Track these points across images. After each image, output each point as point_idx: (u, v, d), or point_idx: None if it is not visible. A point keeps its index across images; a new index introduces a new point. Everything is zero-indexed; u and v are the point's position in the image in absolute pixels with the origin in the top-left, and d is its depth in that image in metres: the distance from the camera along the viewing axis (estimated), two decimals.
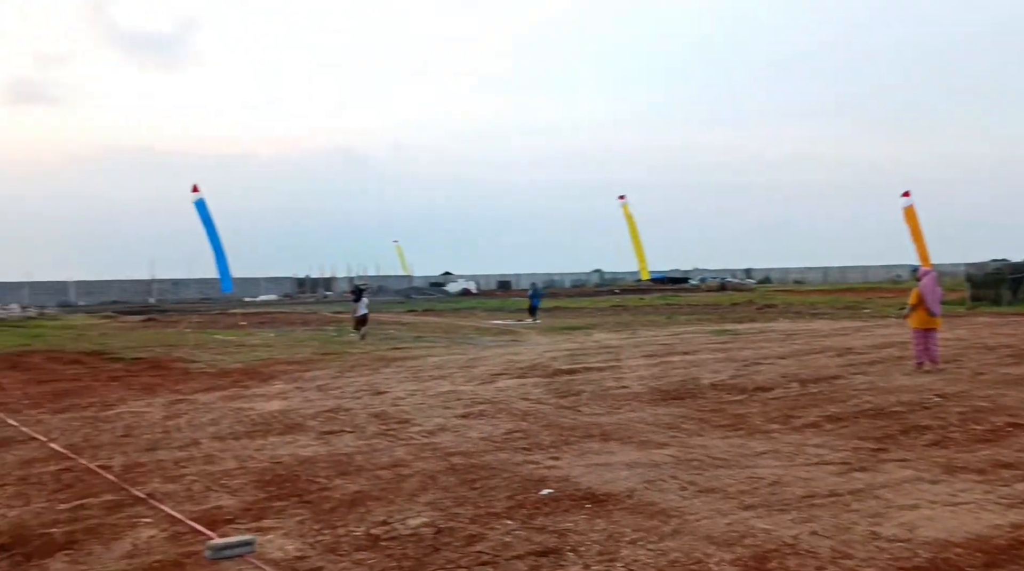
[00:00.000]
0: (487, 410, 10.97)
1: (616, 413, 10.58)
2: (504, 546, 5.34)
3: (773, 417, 9.99)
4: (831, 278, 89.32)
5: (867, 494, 6.37)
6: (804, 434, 8.95)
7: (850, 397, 11.25)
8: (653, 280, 65.46)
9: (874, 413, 10.05)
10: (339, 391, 13.20)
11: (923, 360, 14.10)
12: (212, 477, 7.53)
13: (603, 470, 7.37)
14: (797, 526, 5.57)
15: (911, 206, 30.69)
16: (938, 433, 8.75)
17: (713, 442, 8.59)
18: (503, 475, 7.27)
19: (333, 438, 9.29)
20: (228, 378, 15.49)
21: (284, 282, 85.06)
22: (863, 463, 7.46)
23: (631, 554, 5.12)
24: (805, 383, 12.70)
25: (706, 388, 12.48)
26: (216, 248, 35.39)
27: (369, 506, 6.40)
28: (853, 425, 9.37)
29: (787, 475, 7.03)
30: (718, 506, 6.12)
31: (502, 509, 6.20)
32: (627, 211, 47.43)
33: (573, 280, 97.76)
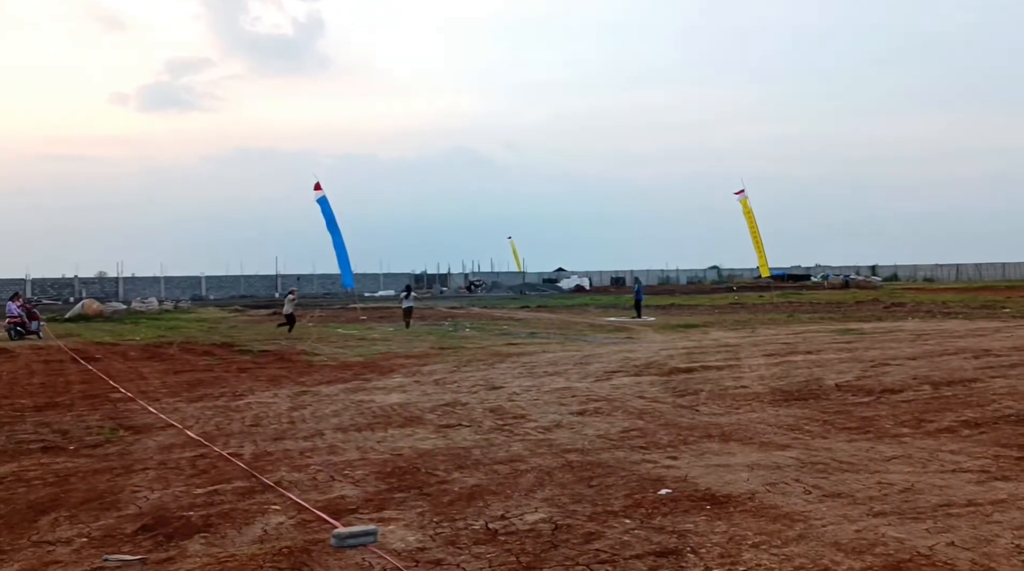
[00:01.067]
0: (603, 407, 10.91)
1: (735, 413, 10.34)
2: (622, 545, 5.28)
3: (903, 421, 9.55)
4: (965, 276, 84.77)
5: (1010, 505, 6.00)
6: (938, 439, 8.51)
7: (989, 402, 10.65)
8: (773, 277, 63.70)
9: (1016, 419, 9.48)
10: (456, 385, 13.39)
11: None
12: (335, 467, 7.75)
13: (723, 471, 7.21)
14: (933, 536, 5.30)
15: None
16: None
17: (839, 445, 8.28)
18: (620, 473, 7.21)
19: (451, 432, 9.42)
20: (349, 371, 15.95)
21: (402, 278, 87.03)
22: (1005, 472, 7.03)
23: (754, 558, 4.98)
24: (938, 386, 12.09)
25: (830, 389, 12.05)
26: (338, 244, 36.63)
27: (487, 500, 6.45)
28: (993, 431, 8.86)
29: (920, 482, 6.71)
30: (845, 512, 5.89)
31: (620, 508, 6.14)
32: (746, 205, 46.36)
33: (689, 277, 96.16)
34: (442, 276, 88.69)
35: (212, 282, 75.00)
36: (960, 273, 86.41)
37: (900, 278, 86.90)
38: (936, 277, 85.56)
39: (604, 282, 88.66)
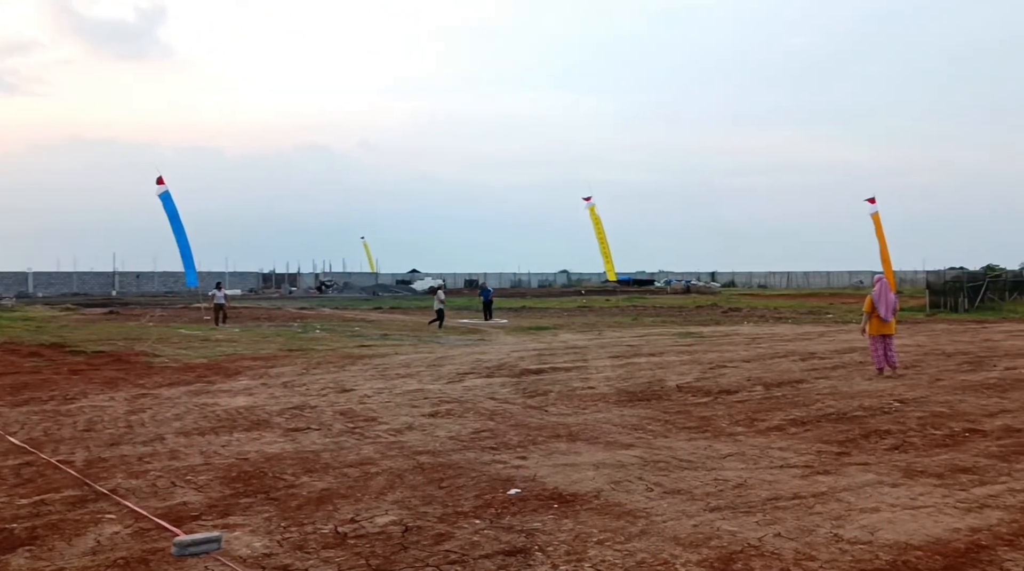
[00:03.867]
0: (455, 409, 10.97)
1: (583, 413, 10.63)
2: (472, 545, 5.35)
3: (738, 420, 10.10)
4: (795, 283, 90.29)
5: (830, 497, 6.47)
6: (769, 437, 9.06)
7: (813, 401, 11.41)
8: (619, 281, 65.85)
9: (836, 417, 10.21)
10: (305, 388, 13.12)
11: (883, 366, 14.36)
12: (177, 473, 7.45)
13: (570, 470, 7.41)
14: (762, 528, 5.65)
15: (876, 212, 31.29)
16: (898, 438, 8.91)
17: (679, 444, 8.67)
18: (471, 474, 7.28)
19: (299, 435, 9.24)
20: (192, 373, 15.34)
21: (249, 277, 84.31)
22: (826, 466, 7.57)
23: (598, 554, 5.15)
24: (769, 387, 12.86)
25: (672, 390, 12.59)
26: (181, 241, 35.06)
27: (336, 504, 6.37)
28: (816, 429, 9.50)
29: (752, 477, 7.12)
30: (684, 507, 6.18)
31: (470, 508, 6.21)
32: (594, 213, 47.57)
33: (540, 280, 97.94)
34: (292, 275, 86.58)
35: (41, 278, 70.34)
36: (790, 280, 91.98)
37: (737, 284, 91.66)
38: (769, 284, 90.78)
39: (458, 284, 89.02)
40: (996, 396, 11.75)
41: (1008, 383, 13.09)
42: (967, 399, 11.47)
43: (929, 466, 7.57)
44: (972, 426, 9.51)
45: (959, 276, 41.21)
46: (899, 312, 17.32)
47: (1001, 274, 44.68)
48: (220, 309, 30.50)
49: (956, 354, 17.82)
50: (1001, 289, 40.96)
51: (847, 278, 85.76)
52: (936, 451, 8.26)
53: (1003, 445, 8.49)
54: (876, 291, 14.56)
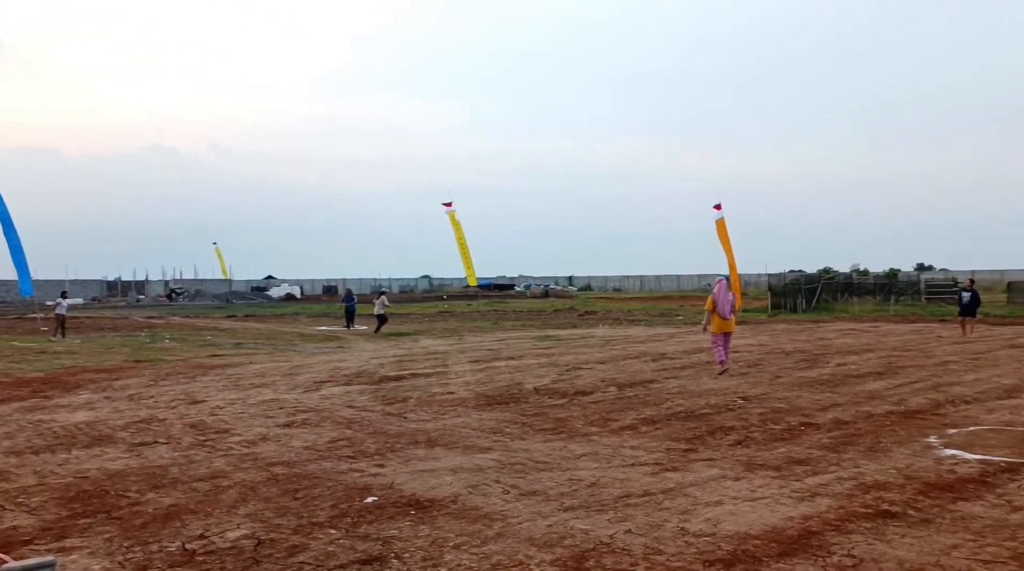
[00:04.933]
0: (311, 418, 10.76)
1: (442, 419, 10.65)
2: (327, 555, 5.27)
3: (592, 420, 10.37)
4: (647, 286, 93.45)
5: (677, 492, 6.75)
6: (621, 436, 9.35)
7: (664, 400, 11.85)
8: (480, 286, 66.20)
9: (685, 415, 10.64)
10: (152, 401, 12.55)
11: (724, 359, 15.17)
12: (7, 495, 6.98)
13: (428, 476, 7.42)
14: (613, 525, 5.83)
15: (722, 219, 32.77)
16: (741, 433, 9.38)
17: (535, 445, 8.82)
18: (327, 484, 7.17)
19: (146, 450, 8.83)
20: (27, 388, 14.38)
21: (92, 285, 79.77)
22: (674, 463, 7.89)
23: (455, 558, 5.18)
24: (623, 387, 13.26)
25: (529, 393, 12.79)
26: (14, 247, 32.73)
27: (184, 520, 6.14)
28: (666, 427, 9.88)
29: (605, 476, 7.33)
30: (539, 508, 6.30)
31: (325, 518, 6.11)
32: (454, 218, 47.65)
33: (401, 285, 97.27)
34: (139, 283, 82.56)
35: None
36: (643, 284, 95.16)
37: (593, 288, 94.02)
38: (624, 287, 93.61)
39: (316, 291, 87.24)
40: (828, 391, 12.56)
41: (839, 379, 14.02)
42: (803, 395, 12.20)
43: (768, 459, 8.01)
44: (807, 420, 10.13)
45: (798, 279, 43.78)
46: (741, 312, 18.19)
47: (835, 277, 47.73)
48: (61, 320, 28.71)
49: (794, 352, 18.92)
50: (835, 290, 43.76)
51: (696, 281, 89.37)
52: (775, 445, 8.75)
53: (833, 437, 9.09)
54: (716, 291, 15.47)
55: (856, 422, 9.98)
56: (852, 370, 15.25)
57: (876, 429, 9.51)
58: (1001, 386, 12.89)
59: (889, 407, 11.00)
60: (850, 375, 14.52)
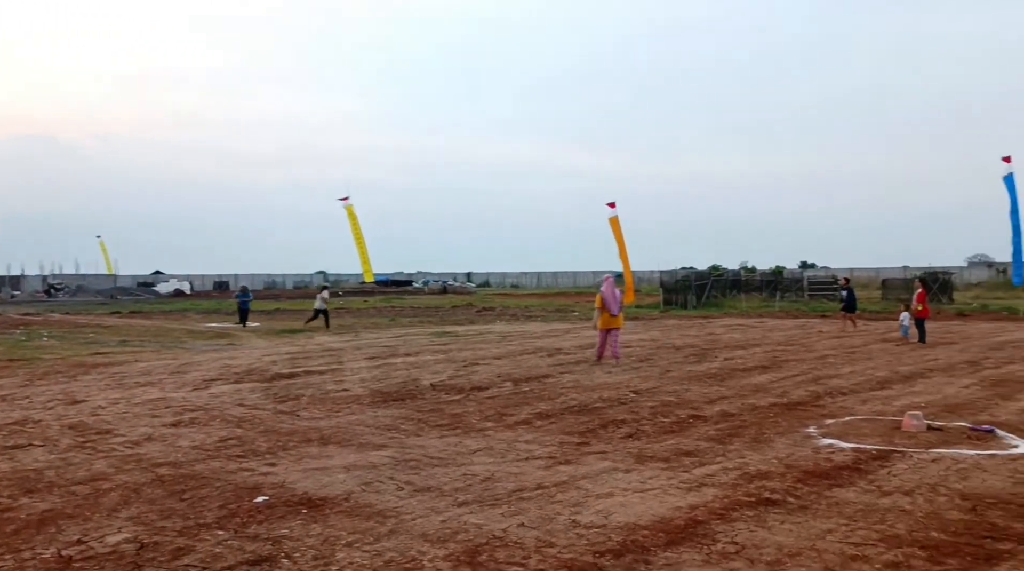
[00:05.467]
0: (199, 417, 10.46)
1: (336, 416, 10.52)
2: (214, 557, 5.14)
3: (488, 416, 10.43)
4: (544, 283, 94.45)
5: (570, 485, 6.86)
6: (516, 431, 9.43)
7: (558, 395, 12.01)
8: (377, 282, 65.57)
9: (578, 409, 10.81)
10: (27, 401, 11.95)
11: (603, 354, 16.01)
12: None
13: (320, 474, 7.32)
14: (506, 519, 5.88)
15: (616, 217, 33.40)
16: (632, 426, 9.60)
17: (431, 442, 8.81)
18: (215, 484, 6.99)
19: (19, 453, 8.41)
20: None
21: None
22: (567, 457, 8.01)
23: (346, 556, 5.13)
24: (518, 382, 13.37)
25: (426, 389, 12.76)
26: None
27: (61, 525, 5.88)
28: (560, 421, 10.02)
29: (499, 471, 7.39)
30: (434, 504, 6.30)
31: (213, 520, 5.96)
32: (351, 212, 47.12)
33: (296, 281, 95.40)
34: (14, 278, 78.38)
35: None
36: (541, 280, 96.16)
37: (491, 284, 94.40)
38: (521, 284, 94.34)
39: (207, 286, 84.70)
40: (716, 384, 12.97)
41: (726, 372, 14.50)
42: (692, 388, 12.57)
43: (658, 451, 8.22)
44: (695, 413, 10.44)
45: (688, 276, 45.00)
46: (635, 308, 18.59)
47: (723, 274, 49.24)
48: None
49: (684, 347, 19.46)
50: (724, 287, 45.17)
51: (591, 278, 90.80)
52: (664, 437, 8.99)
53: (720, 429, 9.40)
54: (604, 289, 16.05)
55: (742, 414, 10.34)
56: (739, 364, 15.79)
57: (760, 421, 9.88)
58: (875, 378, 13.58)
59: (773, 399, 11.44)
60: (737, 369, 15.03)
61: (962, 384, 12.81)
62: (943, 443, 8.41)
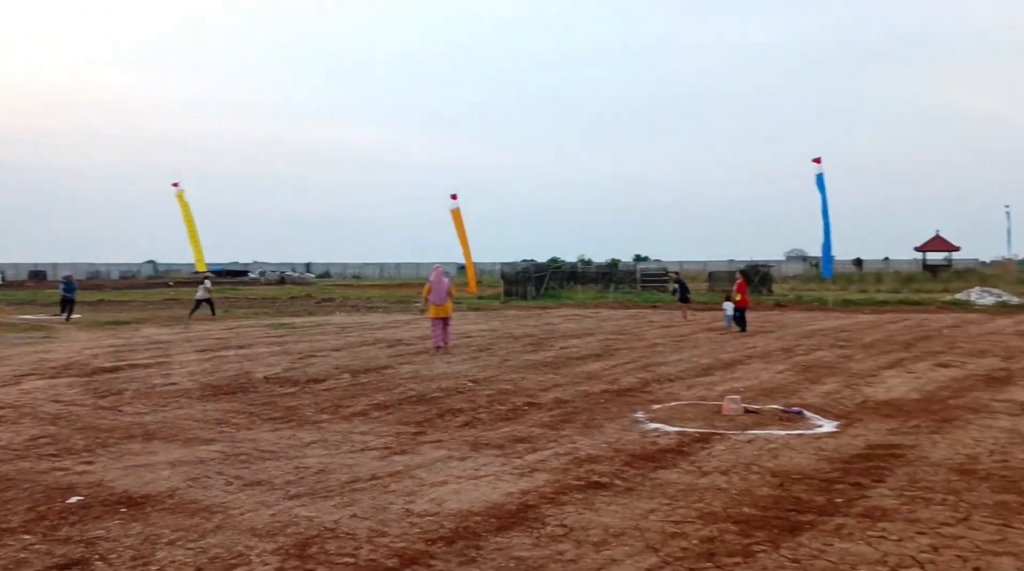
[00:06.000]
0: (8, 415, 9.75)
1: (162, 411, 10.06)
2: (18, 563, 4.80)
3: (324, 408, 10.26)
4: (387, 274, 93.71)
5: (405, 475, 6.86)
6: (352, 422, 9.33)
7: (397, 385, 11.97)
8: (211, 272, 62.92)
9: (416, 399, 10.81)
10: None
11: (440, 344, 16.37)
12: None
13: (143, 471, 6.98)
14: (339, 511, 5.81)
15: (458, 209, 33.52)
16: (469, 415, 9.70)
17: (263, 435, 8.58)
18: (23, 486, 6.53)
19: None
20: None
21: None
22: (403, 446, 8.00)
23: (168, 555, 4.93)
24: (356, 374, 13.22)
25: (259, 382, 12.41)
26: None
27: None
28: (397, 411, 9.99)
29: (333, 463, 7.29)
30: (263, 498, 6.15)
31: (19, 523, 5.57)
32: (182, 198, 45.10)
33: (122, 271, 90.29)
34: None
35: None
36: (383, 271, 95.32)
37: (332, 275, 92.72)
38: (364, 275, 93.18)
39: (21, 276, 78.77)
40: (551, 372, 13.29)
41: (562, 361, 14.88)
42: (528, 376, 12.82)
43: (493, 439, 8.35)
44: (531, 400, 10.66)
45: (528, 268, 45.76)
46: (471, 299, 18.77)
47: (562, 266, 50.46)
48: None
49: (523, 337, 19.81)
50: (562, 279, 46.27)
51: None
52: (500, 424, 9.13)
53: (554, 415, 9.64)
54: (432, 280, 16.72)
55: (575, 401, 10.65)
56: (574, 353, 16.24)
57: (592, 407, 10.21)
58: (699, 365, 14.30)
59: (604, 386, 11.84)
60: (572, 357, 15.45)
61: (777, 369, 13.69)
62: (758, 425, 8.97)
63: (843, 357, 15.40)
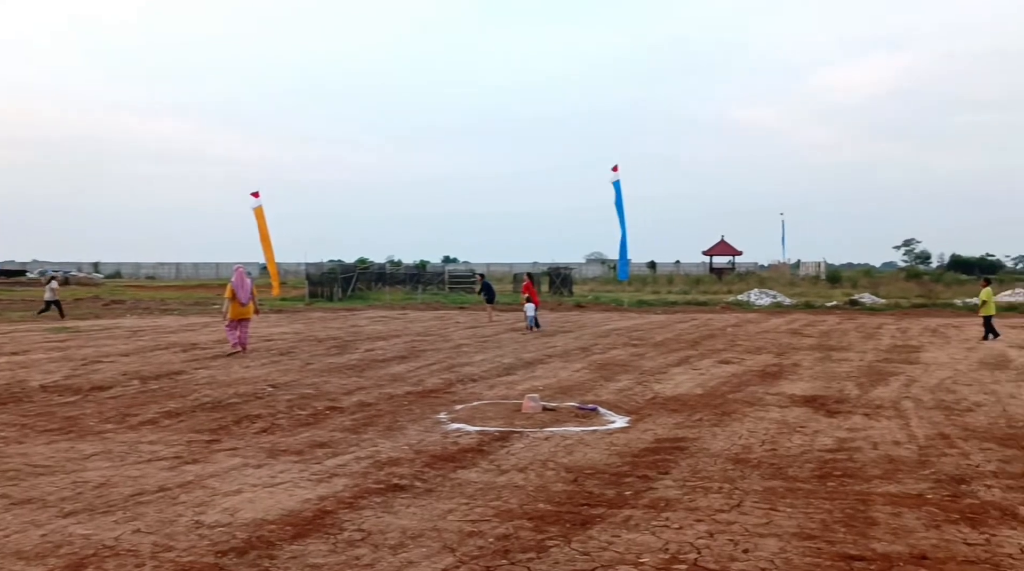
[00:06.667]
0: None
1: None
2: None
3: (109, 417, 9.63)
4: (185, 274, 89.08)
5: (196, 485, 6.55)
6: (140, 432, 8.81)
7: (191, 392, 11.42)
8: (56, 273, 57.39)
9: (212, 406, 10.37)
10: None
11: (238, 345, 16.07)
12: None
13: None
14: (120, 526, 5.47)
15: (260, 206, 32.38)
16: (267, 420, 9.41)
17: (37, 449, 7.94)
18: None
19: None
20: None
21: None
22: (195, 455, 7.64)
23: None
24: (147, 380, 12.51)
25: (35, 391, 11.47)
26: None
27: None
28: (190, 419, 9.53)
29: (116, 475, 6.86)
30: (34, 517, 5.68)
31: None
32: None
33: None
34: None
35: None
36: (180, 271, 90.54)
37: (123, 275, 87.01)
38: (158, 275, 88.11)
39: None
40: (356, 375, 13.14)
41: (366, 363, 14.75)
42: (332, 380, 12.61)
43: (292, 444, 8.15)
44: (333, 404, 10.49)
45: (335, 268, 44.96)
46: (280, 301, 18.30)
47: (369, 267, 49.99)
48: None
49: (327, 339, 19.45)
50: (370, 280, 45.85)
51: (229, 270, 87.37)
52: (300, 430, 8.92)
53: (356, 419, 9.54)
54: (235, 280, 16.21)
55: (378, 403, 10.58)
56: (379, 355, 16.13)
57: (395, 409, 10.18)
58: (502, 365, 14.61)
59: (408, 388, 11.85)
60: (377, 359, 15.34)
61: (575, 368, 14.22)
62: (555, 422, 9.28)
63: (636, 355, 16.22)
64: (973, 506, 6.01)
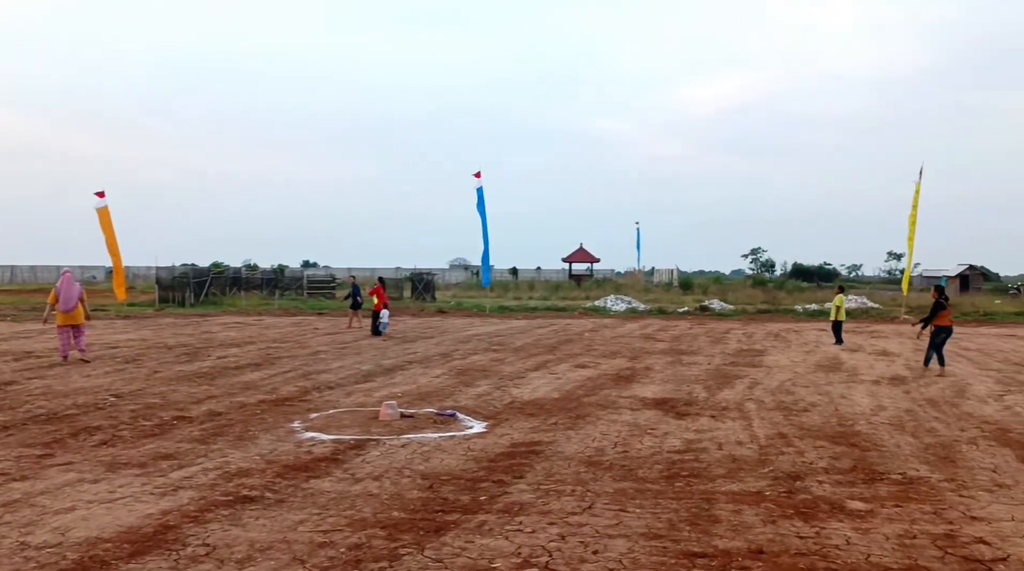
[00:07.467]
0: None
1: None
2: None
3: None
4: (21, 277, 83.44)
5: (23, 504, 6.12)
6: None
7: (22, 403, 10.69)
8: None
9: (46, 418, 9.74)
10: None
11: (68, 354, 15.36)
12: None
13: None
14: None
15: (105, 207, 30.75)
16: (108, 432, 8.91)
17: None
18: None
19: None
20: None
21: None
22: (24, 472, 7.14)
23: None
24: None
25: None
26: None
27: None
28: (20, 432, 8.91)
29: None
30: None
31: None
32: None
33: None
34: None
35: None
36: (15, 274, 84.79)
37: None
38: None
39: None
40: (206, 384, 12.64)
41: (218, 371, 14.22)
42: (180, 388, 12.08)
43: (134, 457, 7.74)
44: (181, 414, 10.05)
45: (187, 272, 43.14)
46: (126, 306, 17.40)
47: (224, 271, 48.22)
48: None
49: (177, 346, 18.64)
50: (224, 285, 44.20)
51: (79, 273, 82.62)
52: (144, 441, 8.49)
53: (205, 429, 9.17)
54: (60, 284, 15.60)
55: (229, 413, 10.21)
56: (232, 362, 15.59)
57: (247, 418, 9.85)
58: (361, 372, 14.40)
59: (262, 396, 11.49)
60: (229, 367, 14.82)
61: (435, 374, 14.18)
62: (413, 429, 9.22)
63: (496, 360, 16.34)
64: (806, 501, 6.37)
